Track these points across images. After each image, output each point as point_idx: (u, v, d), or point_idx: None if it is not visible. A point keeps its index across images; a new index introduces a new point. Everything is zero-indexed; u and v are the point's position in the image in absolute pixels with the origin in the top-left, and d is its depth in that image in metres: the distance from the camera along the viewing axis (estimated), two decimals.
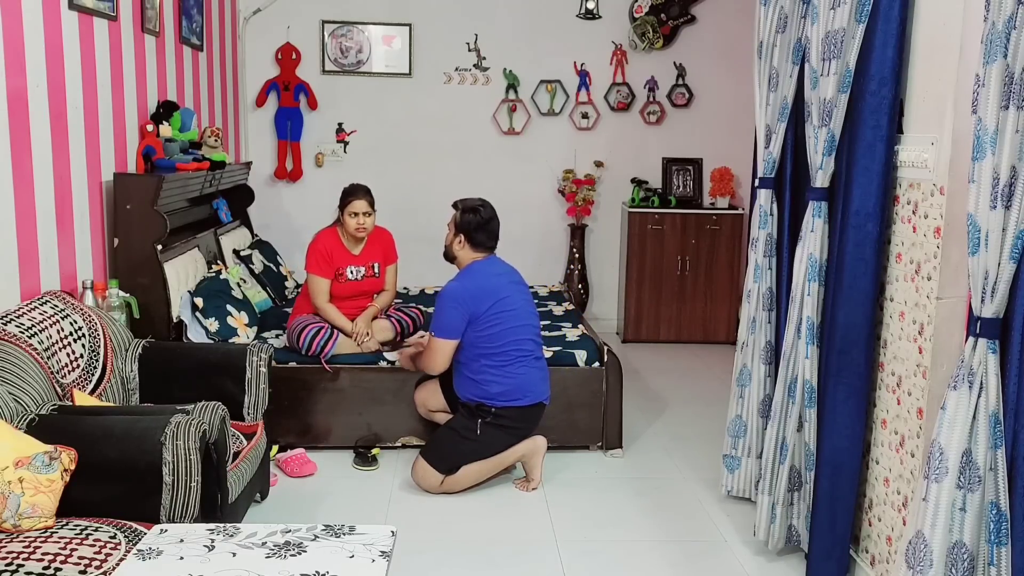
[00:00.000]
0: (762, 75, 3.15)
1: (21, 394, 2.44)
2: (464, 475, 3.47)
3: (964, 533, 1.98)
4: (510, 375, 3.45)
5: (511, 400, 3.46)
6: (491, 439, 3.47)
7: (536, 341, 3.59)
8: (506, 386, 3.45)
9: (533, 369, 3.52)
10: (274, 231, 5.70)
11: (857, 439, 2.69)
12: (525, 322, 3.53)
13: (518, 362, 3.47)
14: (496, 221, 3.56)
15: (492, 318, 3.43)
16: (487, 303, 3.43)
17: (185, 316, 3.66)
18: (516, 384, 3.46)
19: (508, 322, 3.45)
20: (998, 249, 1.89)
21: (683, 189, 6.01)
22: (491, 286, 3.47)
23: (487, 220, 3.51)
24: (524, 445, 3.55)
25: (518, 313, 3.50)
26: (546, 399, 3.58)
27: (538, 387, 3.54)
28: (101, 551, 2.06)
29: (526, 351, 3.50)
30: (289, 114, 5.80)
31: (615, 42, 5.99)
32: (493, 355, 3.44)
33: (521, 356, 3.48)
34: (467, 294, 3.43)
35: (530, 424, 3.55)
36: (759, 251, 3.23)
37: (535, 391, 3.51)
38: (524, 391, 3.48)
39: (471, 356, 3.48)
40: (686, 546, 3.13)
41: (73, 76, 3.26)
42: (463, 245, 3.52)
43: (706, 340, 5.97)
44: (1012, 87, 1.83)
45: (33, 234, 2.97)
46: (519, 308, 3.52)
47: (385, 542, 1.98)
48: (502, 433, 3.47)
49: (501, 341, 3.44)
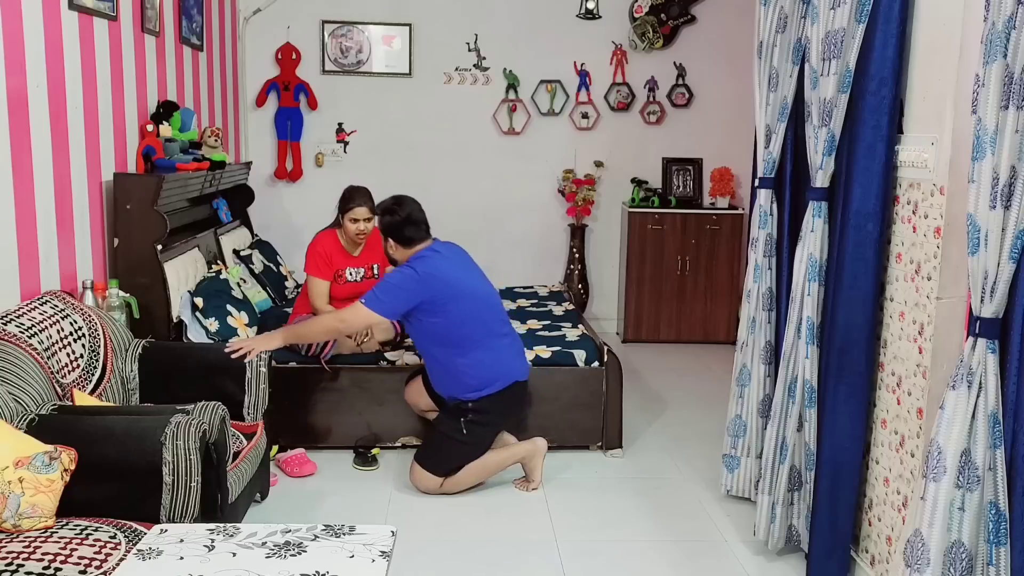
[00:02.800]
0: (762, 75, 3.15)
1: (21, 394, 2.44)
2: (463, 476, 3.46)
3: (963, 532, 1.98)
4: (479, 361, 3.38)
5: (485, 388, 3.39)
6: (479, 435, 3.45)
7: (500, 317, 3.52)
8: (478, 375, 3.38)
9: (501, 348, 3.45)
10: (274, 231, 5.70)
11: (857, 439, 2.69)
12: (484, 302, 3.46)
13: (484, 344, 3.40)
14: (416, 210, 3.43)
15: (447, 304, 3.33)
16: (438, 288, 3.33)
17: (185, 316, 3.66)
18: (487, 368, 3.39)
19: (465, 304, 3.37)
20: (998, 249, 1.89)
21: (683, 189, 6.01)
22: (441, 271, 3.36)
23: (405, 216, 3.40)
24: (524, 447, 3.54)
25: (475, 293, 3.43)
26: (522, 376, 3.50)
27: (510, 365, 3.46)
28: (101, 551, 2.06)
29: (491, 331, 3.44)
30: (289, 114, 5.80)
31: (615, 42, 6.00)
32: (458, 343, 3.37)
33: (487, 336, 3.42)
34: (415, 278, 3.32)
35: (513, 407, 3.52)
36: (759, 251, 3.23)
37: (508, 371, 3.45)
38: (496, 374, 3.41)
39: (438, 348, 3.42)
40: (686, 546, 3.13)
41: (73, 76, 3.26)
42: (396, 247, 3.45)
43: (706, 340, 5.97)
44: (1012, 87, 1.83)
45: (33, 234, 2.97)
46: (474, 288, 3.44)
47: (385, 542, 1.98)
48: (488, 425, 3.45)
49: (463, 326, 3.36)
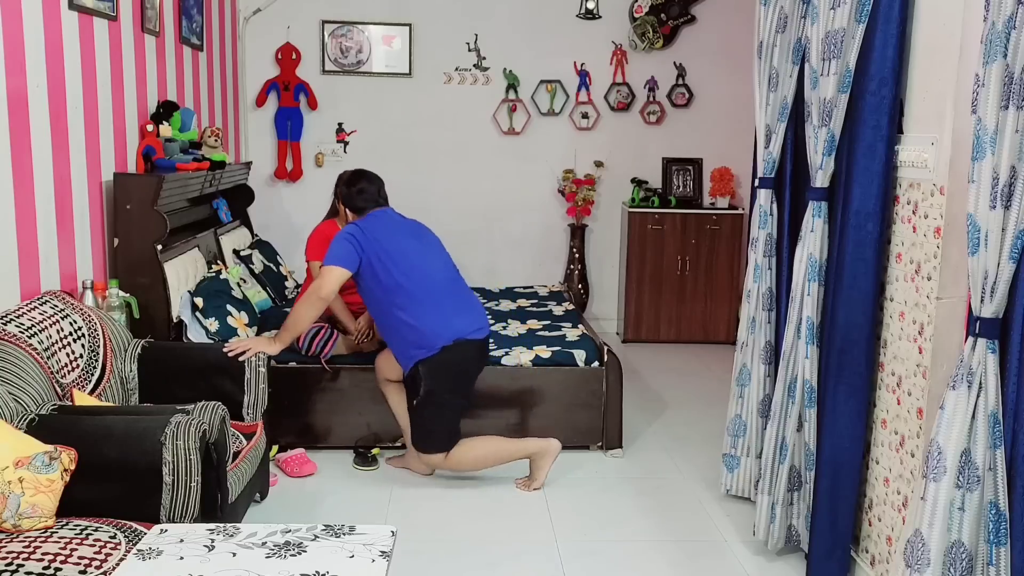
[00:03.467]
0: (762, 75, 3.15)
1: (21, 394, 2.43)
2: (469, 455, 3.45)
3: (963, 532, 1.99)
4: (418, 317, 3.36)
5: (427, 348, 3.36)
6: (441, 397, 3.40)
7: (448, 275, 3.53)
8: (417, 333, 3.36)
9: (443, 307, 3.42)
10: (274, 231, 5.70)
11: (857, 439, 2.69)
12: (422, 261, 3.46)
13: (424, 302, 3.38)
14: (371, 184, 3.56)
15: (385, 262, 3.36)
16: (375, 241, 3.37)
17: (185, 316, 3.66)
18: (427, 325, 3.36)
19: (402, 262, 3.38)
20: (998, 249, 1.89)
21: (683, 189, 6.01)
22: (377, 230, 3.43)
23: (358, 189, 3.54)
24: (537, 443, 3.54)
25: (410, 252, 3.44)
26: (468, 334, 3.43)
27: (451, 323, 3.41)
28: (101, 551, 2.06)
29: (431, 291, 3.42)
30: (289, 114, 5.80)
31: (615, 42, 6.00)
32: (403, 304, 3.37)
33: (427, 295, 3.40)
34: (358, 231, 3.39)
35: (464, 365, 3.46)
36: (759, 251, 3.23)
37: (449, 327, 3.39)
38: (437, 332, 3.37)
39: (387, 312, 3.42)
40: (686, 546, 3.13)
41: (73, 76, 3.26)
42: (351, 216, 3.57)
43: (706, 340, 5.97)
44: (1012, 87, 1.83)
45: (33, 234, 2.97)
46: (410, 248, 3.46)
47: (385, 542, 1.98)
48: (444, 385, 3.40)
49: (400, 286, 3.36)
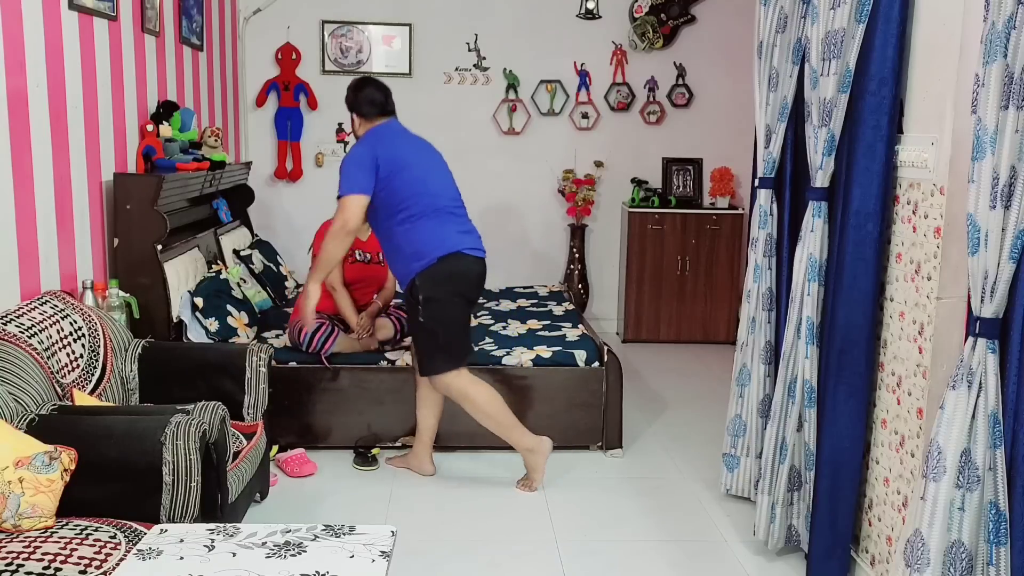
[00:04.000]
0: (762, 75, 3.15)
1: (21, 394, 2.43)
2: (479, 394, 3.45)
3: (963, 532, 1.98)
4: (418, 228, 3.37)
5: (424, 257, 3.36)
6: (438, 312, 3.39)
7: (451, 194, 3.52)
8: (416, 243, 3.37)
9: (444, 221, 3.42)
10: (274, 231, 5.71)
11: (857, 439, 2.69)
12: (427, 175, 3.47)
13: (426, 215, 3.38)
14: (376, 89, 3.56)
15: (391, 174, 3.36)
16: (389, 156, 3.38)
17: (185, 316, 3.66)
18: (427, 235, 3.37)
19: (407, 174, 3.38)
20: (998, 249, 1.89)
21: (683, 189, 6.01)
22: (385, 140, 3.45)
23: (365, 94, 3.54)
24: (531, 438, 3.52)
25: (416, 164, 3.45)
26: (464, 247, 3.42)
27: (450, 237, 3.41)
28: (101, 551, 2.06)
29: (435, 204, 3.42)
30: (289, 114, 5.80)
31: (615, 42, 5.99)
32: (404, 219, 3.37)
33: (430, 208, 3.40)
34: (367, 148, 3.40)
35: (460, 280, 3.44)
36: (759, 251, 3.23)
37: (447, 240, 3.40)
38: (436, 243, 3.37)
39: (388, 228, 3.43)
40: (686, 546, 3.13)
41: (73, 76, 3.26)
42: (360, 123, 3.57)
43: (706, 340, 5.97)
44: (1012, 87, 1.83)
45: (33, 234, 2.97)
46: (417, 160, 3.46)
47: (385, 542, 1.98)
48: (441, 300, 3.38)
49: (405, 197, 3.37)
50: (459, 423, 3.71)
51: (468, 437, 3.84)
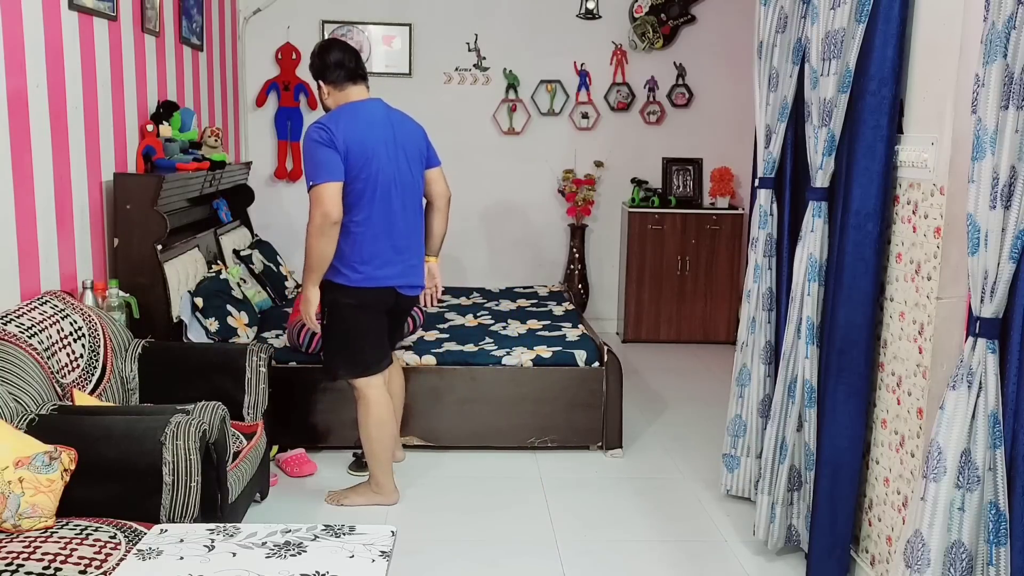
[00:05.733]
0: (762, 75, 3.15)
1: (21, 394, 2.44)
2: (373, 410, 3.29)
3: (963, 533, 1.98)
4: (364, 247, 3.14)
5: (353, 280, 3.16)
6: (346, 322, 3.22)
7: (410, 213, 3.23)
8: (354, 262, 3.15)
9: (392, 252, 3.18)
10: (274, 231, 5.70)
11: (857, 439, 2.69)
12: (393, 171, 3.16)
13: (380, 237, 3.15)
14: (342, 49, 3.23)
15: (357, 174, 3.08)
16: (350, 140, 3.06)
17: (185, 316, 3.66)
18: (367, 258, 3.15)
19: (369, 169, 3.09)
20: (997, 249, 1.89)
21: (683, 189, 6.01)
22: (355, 126, 3.10)
23: (328, 53, 3.21)
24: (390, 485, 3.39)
25: (388, 155, 3.14)
26: (401, 285, 3.23)
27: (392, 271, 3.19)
28: (101, 551, 2.06)
29: (393, 228, 3.17)
30: (289, 114, 5.81)
31: (615, 42, 5.99)
32: (355, 221, 3.12)
33: (387, 232, 3.16)
34: (325, 130, 3.06)
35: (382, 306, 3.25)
36: (759, 251, 3.23)
37: (387, 275, 3.19)
38: (370, 271, 3.16)
39: None
40: (686, 546, 3.13)
41: (73, 76, 3.26)
42: (328, 92, 3.24)
43: (706, 340, 5.97)
44: (1012, 87, 1.83)
45: (33, 234, 2.97)
46: (388, 153, 3.15)
47: (385, 542, 1.98)
48: (352, 315, 3.22)
49: (357, 197, 3.10)
50: (459, 423, 3.71)
51: (468, 437, 3.84)
